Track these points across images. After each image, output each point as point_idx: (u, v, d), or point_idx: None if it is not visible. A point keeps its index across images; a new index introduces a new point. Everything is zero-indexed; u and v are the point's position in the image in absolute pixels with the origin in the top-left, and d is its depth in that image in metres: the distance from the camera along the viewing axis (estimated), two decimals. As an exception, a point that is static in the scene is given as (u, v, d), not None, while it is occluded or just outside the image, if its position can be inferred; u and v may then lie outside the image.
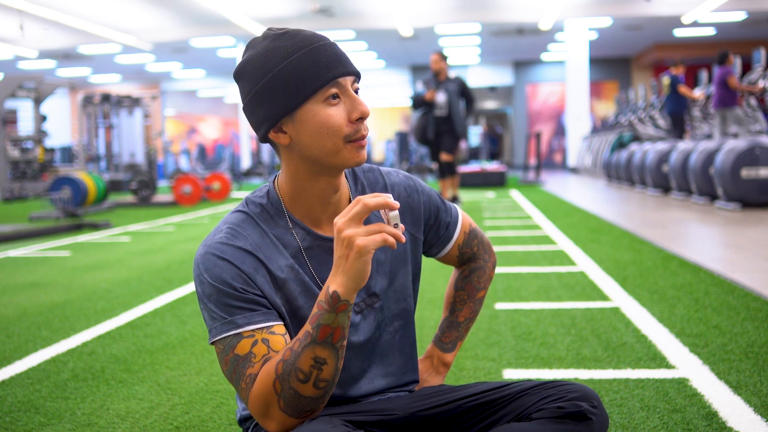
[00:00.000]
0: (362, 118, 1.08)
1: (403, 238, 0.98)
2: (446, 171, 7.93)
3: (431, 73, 7.92)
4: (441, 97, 7.75)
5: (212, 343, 1.09)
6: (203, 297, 1.09)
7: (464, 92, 7.87)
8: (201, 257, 1.10)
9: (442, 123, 7.82)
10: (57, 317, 3.09)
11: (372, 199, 0.97)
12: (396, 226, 0.99)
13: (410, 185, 1.29)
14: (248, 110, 1.11)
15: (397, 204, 0.98)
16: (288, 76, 1.06)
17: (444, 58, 7.87)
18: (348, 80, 1.09)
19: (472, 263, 1.44)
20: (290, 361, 1.00)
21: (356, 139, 1.08)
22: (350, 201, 1.20)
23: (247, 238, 1.12)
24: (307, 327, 1.01)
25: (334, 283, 0.98)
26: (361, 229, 0.97)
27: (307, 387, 1.01)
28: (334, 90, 1.07)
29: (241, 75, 1.11)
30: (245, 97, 1.11)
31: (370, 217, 1.20)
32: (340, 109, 1.08)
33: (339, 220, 0.98)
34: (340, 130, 1.07)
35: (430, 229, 1.32)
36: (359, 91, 1.12)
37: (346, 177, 1.22)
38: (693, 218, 6.48)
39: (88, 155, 12.22)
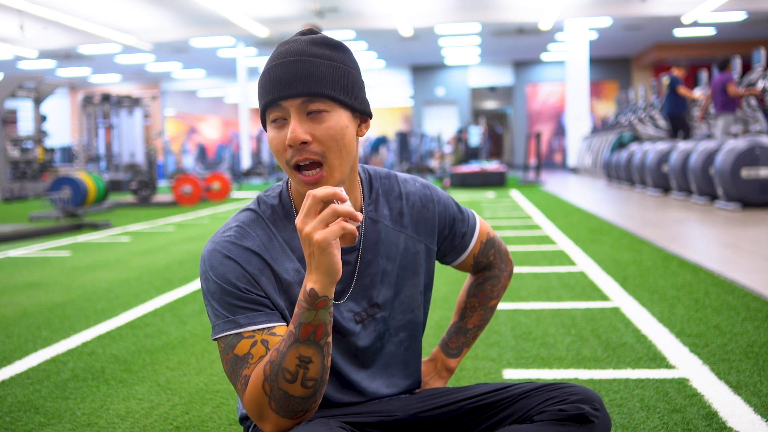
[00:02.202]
0: (291, 145, 1.04)
1: (360, 217, 0.97)
2: None
3: None
4: None
5: (214, 340, 1.09)
6: (207, 294, 1.10)
7: None
8: (208, 254, 1.10)
9: None
10: (57, 317, 3.09)
11: (320, 190, 0.97)
12: None
13: (426, 195, 1.27)
14: None
15: (345, 197, 0.97)
16: (257, 94, 1.11)
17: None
18: (292, 103, 1.04)
19: (488, 271, 1.42)
20: (277, 361, 1.00)
21: (293, 166, 1.07)
22: (362, 209, 1.20)
23: (255, 238, 1.11)
24: (290, 327, 1.01)
25: (310, 281, 0.98)
26: (316, 221, 0.96)
27: (295, 387, 1.00)
28: (276, 113, 1.07)
29: None
30: None
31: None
32: (281, 133, 1.07)
33: (297, 220, 0.98)
34: (279, 154, 1.08)
35: (444, 239, 1.31)
36: (323, 111, 1.05)
37: (361, 183, 1.21)
38: (693, 218, 6.48)
39: (88, 155, 12.22)
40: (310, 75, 1.05)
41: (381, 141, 18.77)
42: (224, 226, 1.15)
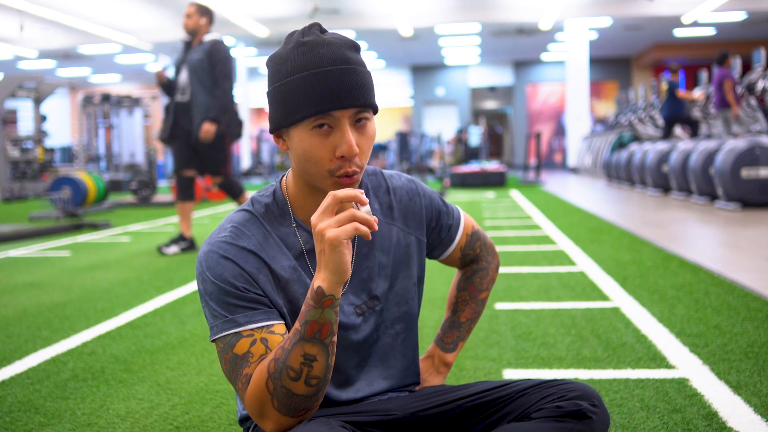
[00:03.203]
0: (345, 156, 1.04)
1: (376, 226, 0.98)
2: (182, 189, 5.05)
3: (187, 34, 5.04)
4: (183, 75, 4.94)
5: (213, 341, 1.09)
6: (205, 295, 1.10)
7: (213, 63, 4.82)
8: (204, 255, 1.11)
9: (184, 114, 4.93)
10: (57, 317, 3.09)
11: (341, 192, 0.98)
12: None
13: (412, 189, 1.29)
14: (267, 103, 1.14)
15: (366, 200, 0.99)
16: (286, 95, 1.06)
17: (204, 12, 4.97)
18: (345, 113, 1.04)
19: (475, 265, 1.44)
20: (281, 359, 1.01)
21: (340, 176, 1.06)
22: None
23: (251, 237, 1.12)
24: (296, 325, 1.01)
25: (318, 279, 0.99)
26: (332, 220, 0.97)
27: (298, 385, 1.01)
28: (323, 121, 1.04)
29: (267, 65, 1.12)
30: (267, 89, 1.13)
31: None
32: (327, 142, 1.05)
33: (313, 216, 0.99)
34: (322, 162, 1.05)
35: (432, 231, 1.33)
36: (365, 120, 1.07)
37: None
38: (693, 218, 6.48)
39: (88, 155, 12.23)
40: (362, 85, 1.06)
41: (381, 147, 18.81)
42: (219, 227, 1.15)
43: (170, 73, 5.04)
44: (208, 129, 4.75)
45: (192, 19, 4.94)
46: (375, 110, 1.10)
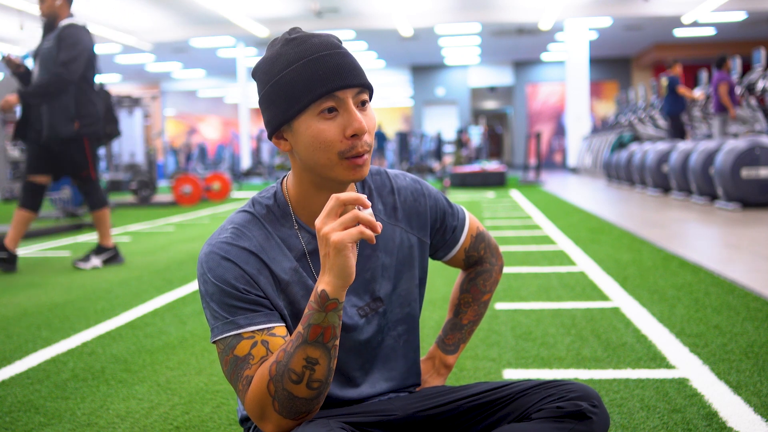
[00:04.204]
0: (357, 134, 1.05)
1: (379, 229, 0.98)
2: (27, 195, 4.52)
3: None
4: (36, 67, 4.30)
5: (213, 342, 1.09)
6: (206, 296, 1.10)
7: (59, 52, 4.14)
8: (205, 256, 1.10)
9: (35, 112, 4.34)
10: (57, 317, 3.09)
11: (345, 194, 0.98)
12: None
13: (417, 189, 1.29)
14: (261, 110, 1.14)
15: (369, 203, 0.98)
16: (285, 87, 1.06)
17: None
18: (348, 93, 1.05)
19: (479, 266, 1.43)
20: (283, 362, 1.01)
21: (351, 156, 1.06)
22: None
23: (251, 239, 1.11)
24: (299, 328, 1.01)
25: (322, 283, 0.99)
26: (336, 223, 0.97)
27: (300, 388, 1.00)
28: (329, 104, 1.04)
29: (254, 76, 1.13)
30: (258, 98, 1.13)
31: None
32: (335, 124, 1.05)
33: (317, 220, 0.98)
34: (332, 145, 1.05)
35: (436, 233, 1.32)
36: (367, 103, 1.08)
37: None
38: (693, 218, 6.48)
39: (88, 155, 12.19)
40: (358, 67, 1.08)
41: (379, 135, 18.83)
42: (220, 228, 1.15)
43: (30, 63, 4.47)
44: (7, 99, 4.15)
45: (45, 3, 4.24)
46: (371, 93, 1.11)
